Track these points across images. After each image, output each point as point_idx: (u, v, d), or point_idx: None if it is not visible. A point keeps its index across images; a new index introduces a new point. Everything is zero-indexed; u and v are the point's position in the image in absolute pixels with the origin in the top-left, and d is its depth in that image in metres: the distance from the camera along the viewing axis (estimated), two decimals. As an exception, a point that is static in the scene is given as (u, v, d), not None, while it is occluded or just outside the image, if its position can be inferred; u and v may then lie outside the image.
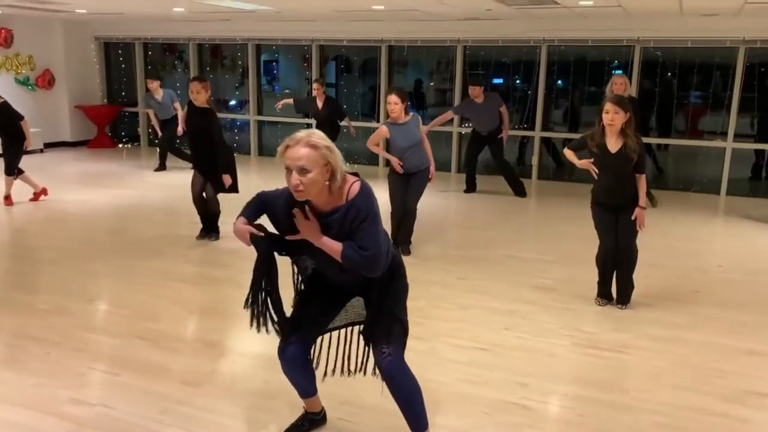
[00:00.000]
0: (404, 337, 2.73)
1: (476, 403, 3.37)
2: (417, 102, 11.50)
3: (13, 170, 7.78)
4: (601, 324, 4.52)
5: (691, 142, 9.90)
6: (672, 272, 5.69)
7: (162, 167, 10.40)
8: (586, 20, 9.37)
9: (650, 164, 9.29)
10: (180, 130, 9.48)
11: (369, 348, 2.74)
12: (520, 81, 10.74)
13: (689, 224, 7.62)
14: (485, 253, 6.21)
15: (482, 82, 8.81)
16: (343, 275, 2.66)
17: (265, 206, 2.70)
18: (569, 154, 4.80)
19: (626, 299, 4.80)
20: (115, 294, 5.09)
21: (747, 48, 8.92)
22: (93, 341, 4.12)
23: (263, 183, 3.53)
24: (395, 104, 5.72)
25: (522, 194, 8.89)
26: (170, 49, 13.16)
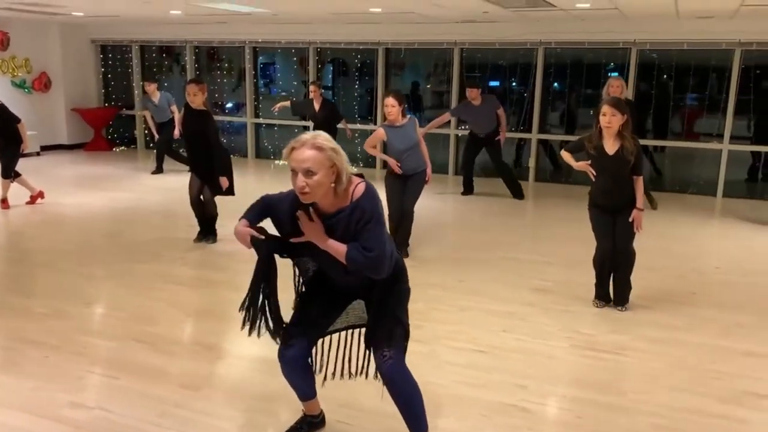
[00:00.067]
0: (405, 341, 2.73)
1: (475, 406, 3.37)
2: (414, 104, 11.49)
3: (10, 173, 7.76)
4: (599, 326, 4.53)
5: (688, 144, 9.93)
6: (669, 274, 5.70)
7: (159, 170, 10.40)
8: (583, 23, 9.40)
9: (647, 166, 9.32)
10: (176, 133, 9.47)
11: (370, 351, 2.74)
12: (517, 83, 10.75)
13: (686, 226, 7.64)
14: (483, 255, 6.22)
15: (479, 85, 8.83)
16: (348, 277, 2.66)
17: (269, 210, 2.68)
18: (566, 156, 4.80)
19: (624, 300, 4.82)
20: (113, 297, 5.08)
21: (743, 50, 8.95)
22: (91, 344, 4.11)
23: (260, 185, 3.52)
24: (392, 107, 5.74)
25: (520, 196, 8.91)
26: (167, 52, 13.16)
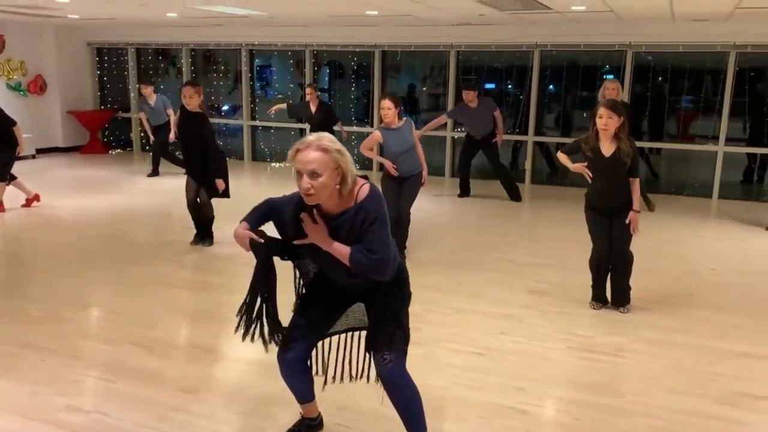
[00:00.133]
0: (406, 345, 2.72)
1: (473, 408, 3.37)
2: (410, 107, 11.50)
3: (6, 176, 7.73)
4: (597, 327, 4.53)
5: (683, 147, 9.96)
6: (666, 276, 5.72)
7: (155, 173, 10.38)
8: (579, 25, 9.43)
9: (644, 169, 9.35)
10: (172, 136, 9.46)
11: (370, 354, 2.73)
12: (513, 86, 10.78)
13: (682, 228, 7.66)
14: (480, 257, 6.23)
15: (476, 87, 8.85)
16: (351, 279, 2.64)
17: (273, 213, 2.67)
18: (563, 158, 4.81)
19: (625, 301, 4.82)
20: (110, 300, 5.07)
21: (737, 53, 8.99)
22: (88, 348, 4.10)
23: (256, 188, 3.53)
24: (388, 109, 5.74)
25: (517, 198, 8.93)
26: (163, 55, 13.14)
